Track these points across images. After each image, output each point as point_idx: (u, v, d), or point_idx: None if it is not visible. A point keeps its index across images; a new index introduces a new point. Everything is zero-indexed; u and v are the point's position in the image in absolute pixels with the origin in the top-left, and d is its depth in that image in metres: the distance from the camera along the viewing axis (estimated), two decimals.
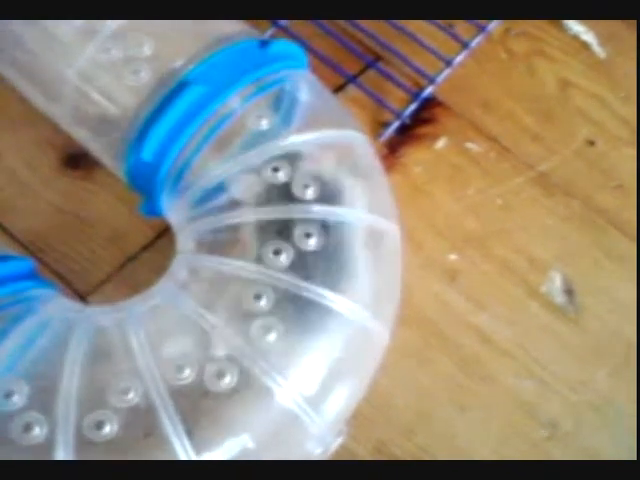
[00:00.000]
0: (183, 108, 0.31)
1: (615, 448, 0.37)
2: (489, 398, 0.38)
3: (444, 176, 0.44)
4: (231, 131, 0.31)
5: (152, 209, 0.35)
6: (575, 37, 0.49)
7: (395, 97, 0.46)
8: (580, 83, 0.48)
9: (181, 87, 0.31)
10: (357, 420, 0.34)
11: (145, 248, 0.40)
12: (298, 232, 0.29)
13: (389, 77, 0.45)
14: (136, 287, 0.40)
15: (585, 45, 0.49)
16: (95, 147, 0.36)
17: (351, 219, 0.31)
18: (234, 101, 0.32)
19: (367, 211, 0.31)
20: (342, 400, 0.29)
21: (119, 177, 0.37)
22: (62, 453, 0.26)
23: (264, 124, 0.31)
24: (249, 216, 0.30)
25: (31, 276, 0.32)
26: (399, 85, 0.45)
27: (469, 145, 0.45)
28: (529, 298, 0.41)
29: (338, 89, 0.45)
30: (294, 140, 0.31)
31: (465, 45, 0.46)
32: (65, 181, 0.42)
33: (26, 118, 0.42)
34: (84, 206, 0.41)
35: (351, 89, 0.46)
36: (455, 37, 0.46)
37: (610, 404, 0.38)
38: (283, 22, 0.46)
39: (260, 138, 0.31)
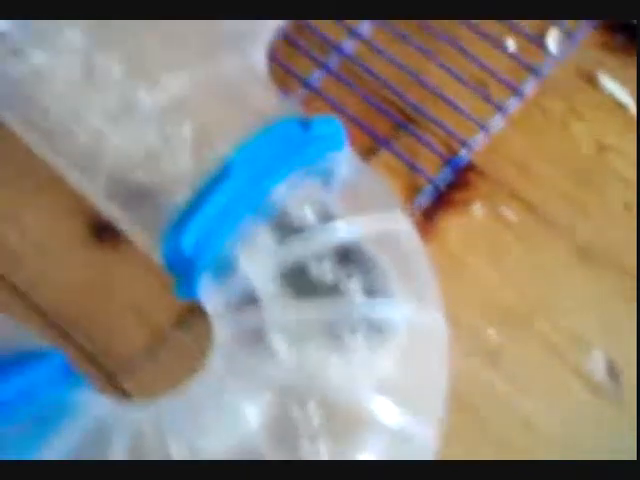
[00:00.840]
0: (226, 197, 0.30)
1: None
2: None
3: (481, 244, 0.42)
4: (275, 221, 0.30)
5: (188, 293, 0.33)
6: (610, 95, 0.48)
7: (428, 160, 0.44)
8: (616, 144, 0.46)
9: (223, 174, 0.30)
10: None
11: (176, 325, 0.39)
12: (344, 332, 0.28)
13: (422, 141, 0.44)
14: (166, 366, 0.39)
15: (620, 104, 0.48)
16: (127, 226, 0.35)
17: (397, 314, 0.29)
18: (278, 189, 0.30)
19: (413, 304, 0.30)
20: None
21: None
22: None
23: (308, 214, 0.30)
24: (293, 313, 0.29)
25: (64, 373, 0.30)
26: (432, 149, 0.44)
27: (505, 211, 0.43)
28: (571, 378, 0.39)
29: (370, 152, 0.44)
30: (340, 232, 0.30)
31: (500, 109, 0.44)
32: (93, 252, 0.40)
33: (52, 185, 0.40)
34: (112, 279, 0.40)
35: (383, 152, 0.45)
36: (489, 99, 0.45)
37: None
38: (314, 81, 0.45)
39: (304, 229, 0.30)
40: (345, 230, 0.30)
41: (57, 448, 0.27)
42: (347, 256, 0.29)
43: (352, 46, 0.46)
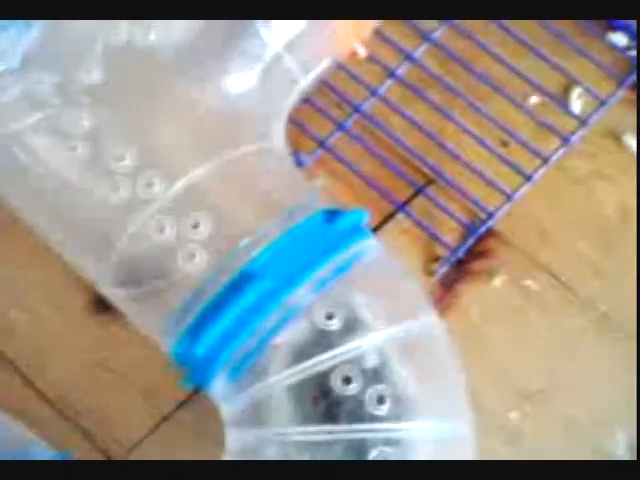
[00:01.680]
0: (245, 303, 0.28)
1: None
2: None
3: (502, 316, 0.41)
4: (297, 329, 0.29)
5: (196, 387, 0.32)
6: (633, 155, 0.46)
7: (447, 226, 0.43)
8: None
9: (243, 279, 0.28)
10: None
11: (181, 405, 0.38)
12: (368, 451, 0.27)
13: (441, 206, 0.43)
14: (172, 448, 0.37)
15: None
16: (133, 316, 0.33)
17: (425, 434, 0.28)
18: (302, 292, 0.29)
19: (440, 420, 0.29)
20: None
21: None
22: None
23: (334, 323, 0.28)
24: (312, 437, 0.27)
25: None
26: (452, 215, 0.43)
27: (528, 282, 0.42)
28: (594, 457, 0.38)
29: (387, 217, 0.43)
30: (366, 343, 0.28)
31: (524, 175, 0.43)
32: (95, 326, 0.39)
33: (53, 259, 0.39)
34: (115, 355, 0.38)
35: (400, 217, 0.43)
36: (510, 164, 0.43)
37: None
38: (330, 142, 0.44)
39: (328, 338, 0.28)
40: (370, 341, 0.28)
41: None
42: (372, 374, 0.28)
43: (370, 105, 0.45)
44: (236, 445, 0.29)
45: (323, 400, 0.27)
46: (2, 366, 0.38)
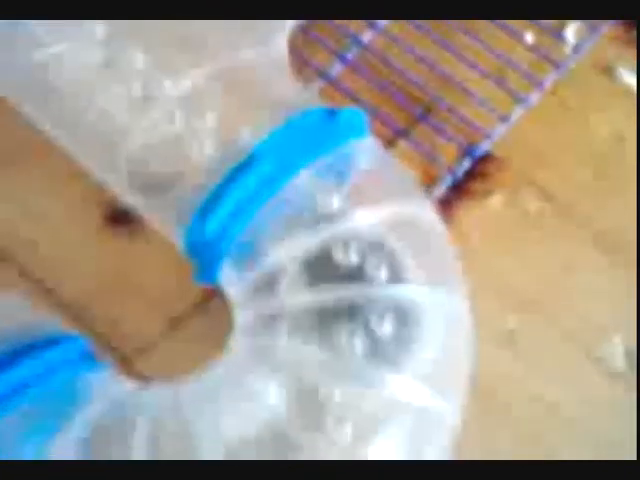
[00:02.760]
0: (251, 184, 0.30)
1: None
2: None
3: (499, 234, 0.43)
4: (298, 208, 0.30)
5: (207, 279, 0.34)
6: (627, 87, 0.48)
7: (447, 151, 0.44)
8: (633, 135, 0.46)
9: (249, 162, 0.30)
10: None
11: (193, 311, 0.39)
12: (372, 316, 0.29)
13: (440, 131, 0.44)
14: (183, 351, 0.39)
15: (638, 96, 0.48)
16: (149, 214, 0.35)
17: (423, 298, 0.30)
18: (303, 177, 0.31)
19: (437, 289, 0.30)
20: None
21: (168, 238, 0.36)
22: None
23: (331, 202, 0.30)
24: (316, 298, 0.29)
25: (83, 356, 0.31)
26: (451, 140, 0.44)
27: (524, 202, 0.43)
28: (590, 364, 0.39)
29: (389, 143, 0.45)
30: (363, 219, 0.30)
31: (520, 100, 0.45)
32: (111, 239, 0.41)
33: (71, 174, 0.41)
34: (130, 265, 0.40)
35: (401, 143, 0.45)
36: (508, 90, 0.45)
37: None
38: (331, 73, 0.45)
39: (328, 217, 0.30)
40: (368, 217, 0.30)
41: (75, 430, 0.27)
42: (370, 245, 0.30)
43: (370, 38, 0.46)
44: (247, 320, 0.31)
45: (326, 267, 0.29)
46: (23, 279, 0.40)
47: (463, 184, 0.44)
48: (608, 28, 0.47)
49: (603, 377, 0.39)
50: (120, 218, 0.41)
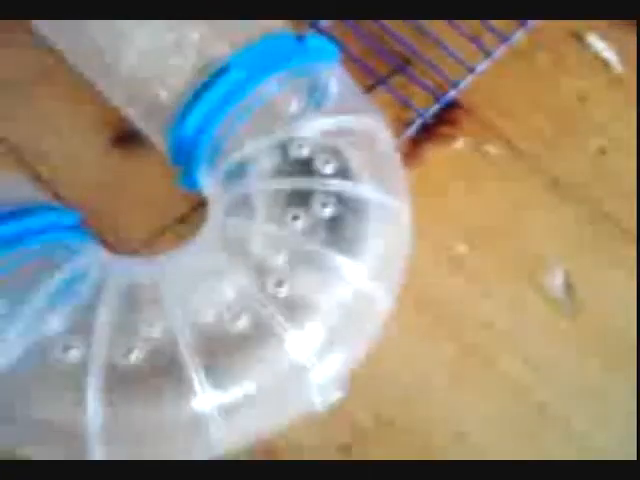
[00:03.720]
0: (223, 90, 0.35)
1: (607, 436, 0.40)
2: (485, 379, 0.41)
3: (461, 174, 0.47)
4: (265, 112, 0.35)
5: (189, 182, 0.38)
6: (596, 54, 0.52)
7: (420, 98, 0.49)
8: (598, 98, 0.50)
9: (222, 71, 0.35)
10: (358, 387, 0.37)
11: (180, 220, 0.44)
12: (316, 202, 0.33)
13: (415, 80, 0.49)
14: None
15: (605, 62, 0.52)
16: (146, 126, 0.40)
17: (364, 194, 0.34)
18: (270, 85, 0.35)
19: (380, 188, 0.35)
20: (345, 354, 0.33)
21: (164, 155, 0.41)
22: (94, 379, 0.30)
23: (295, 107, 0.35)
24: (273, 185, 0.34)
25: (74, 228, 0.35)
26: (424, 88, 0.49)
27: (487, 147, 0.48)
28: (531, 290, 0.43)
29: (367, 90, 0.49)
30: (321, 122, 0.35)
31: (489, 54, 0.49)
32: (115, 158, 0.46)
33: (86, 98, 0.46)
34: (129, 180, 0.45)
35: (380, 90, 0.49)
36: (480, 47, 0.49)
37: (602, 393, 0.41)
38: (322, 24, 0.50)
39: (290, 119, 0.35)
40: (325, 123, 0.35)
41: (55, 284, 0.32)
42: (322, 146, 0.34)
43: None
44: (218, 208, 0.36)
45: (284, 163, 0.34)
46: (39, 185, 0.45)
47: (432, 128, 0.48)
48: None
49: (542, 302, 0.43)
50: (127, 139, 0.46)
